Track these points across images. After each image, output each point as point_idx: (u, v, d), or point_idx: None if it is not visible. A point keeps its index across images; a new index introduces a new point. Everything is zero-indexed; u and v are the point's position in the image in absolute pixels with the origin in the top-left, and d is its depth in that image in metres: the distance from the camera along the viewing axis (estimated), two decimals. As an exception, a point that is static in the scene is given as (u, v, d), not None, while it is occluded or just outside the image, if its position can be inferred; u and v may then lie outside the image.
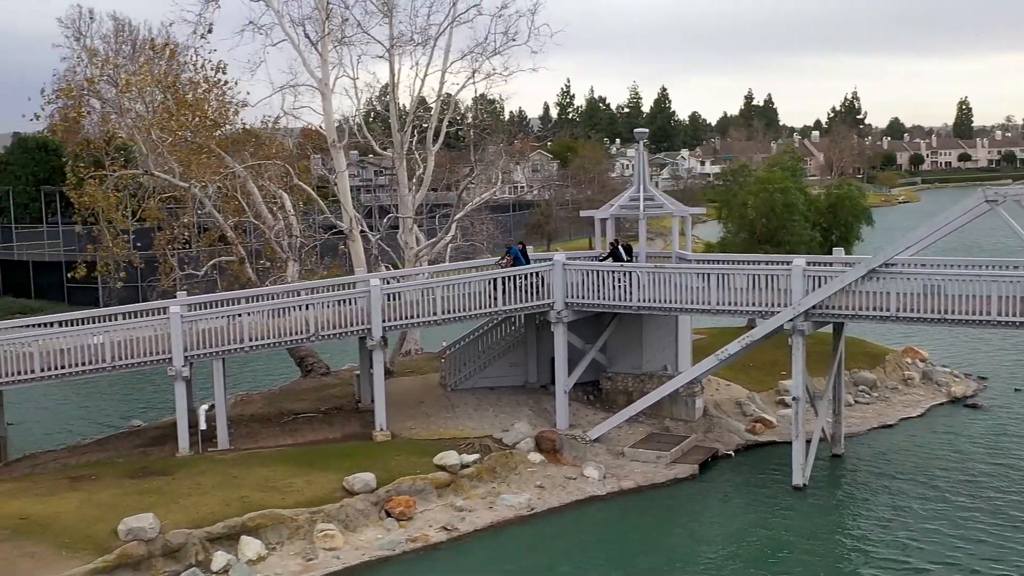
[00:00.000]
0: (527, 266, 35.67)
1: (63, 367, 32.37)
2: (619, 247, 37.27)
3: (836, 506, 30.75)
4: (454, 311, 34.91)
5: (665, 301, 34.03)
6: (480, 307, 35.06)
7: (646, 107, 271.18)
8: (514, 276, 35.30)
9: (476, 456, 32.14)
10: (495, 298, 34.98)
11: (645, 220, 38.38)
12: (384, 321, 34.10)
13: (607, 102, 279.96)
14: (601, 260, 37.16)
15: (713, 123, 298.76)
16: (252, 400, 40.80)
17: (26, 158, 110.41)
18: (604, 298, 34.82)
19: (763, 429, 37.31)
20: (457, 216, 43.17)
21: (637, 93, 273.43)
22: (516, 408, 37.08)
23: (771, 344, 35.44)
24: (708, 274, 33.24)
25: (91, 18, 46.19)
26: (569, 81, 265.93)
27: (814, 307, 31.31)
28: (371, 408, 35.45)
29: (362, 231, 44.62)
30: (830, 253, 39.30)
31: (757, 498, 31.43)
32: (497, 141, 50.50)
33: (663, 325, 37.92)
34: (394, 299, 34.78)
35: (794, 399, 32.33)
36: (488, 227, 48.72)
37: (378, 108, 62.81)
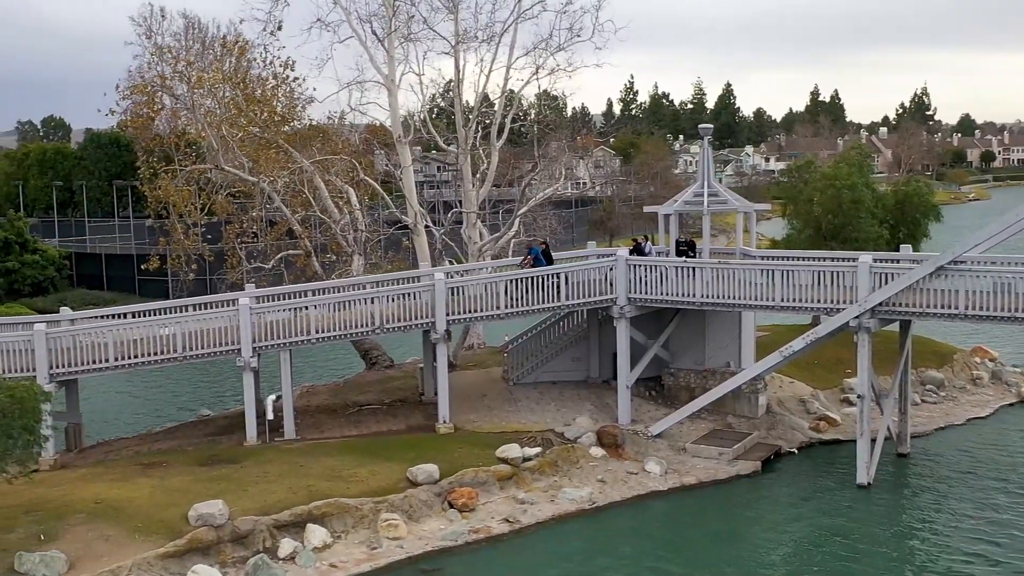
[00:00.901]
0: (550, 267, 35.80)
1: (136, 357, 33.17)
2: (643, 244, 37.42)
3: (902, 505, 30.45)
4: (517, 305, 35.11)
5: (729, 297, 33.94)
6: (543, 302, 35.23)
7: (710, 103, 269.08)
8: (577, 271, 35.46)
9: (538, 450, 32.32)
10: (558, 293, 35.13)
11: (709, 216, 38.24)
12: (448, 315, 34.43)
13: (670, 98, 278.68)
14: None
15: (778, 119, 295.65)
16: (318, 392, 41.41)
17: (99, 153, 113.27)
18: (668, 294, 34.81)
19: (827, 427, 37.02)
20: (520, 212, 43.38)
21: (702, 89, 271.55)
22: (578, 403, 37.22)
23: (836, 342, 35.16)
24: (772, 270, 33.08)
25: (162, 16, 47.18)
26: (633, 77, 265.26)
27: (880, 304, 31.03)
28: (434, 401, 35.84)
29: (426, 226, 45.03)
30: (897, 250, 38.85)
31: (821, 496, 31.22)
32: (560, 137, 50.58)
33: (726, 321, 37.78)
34: (458, 293, 35.06)
35: (859, 397, 32.06)
36: (551, 223, 48.84)
37: (443, 104, 63.33)
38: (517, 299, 34.98)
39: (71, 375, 33.29)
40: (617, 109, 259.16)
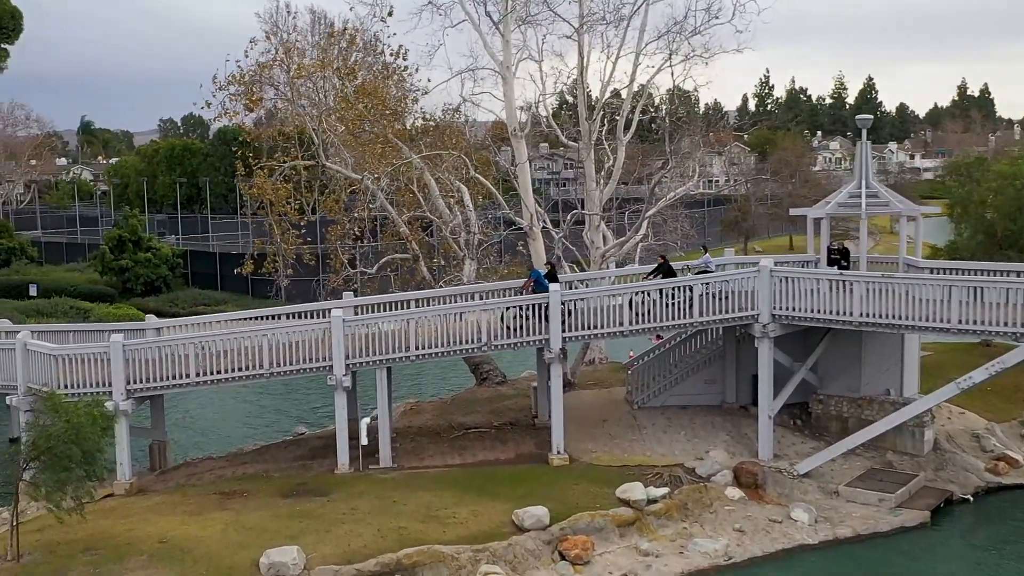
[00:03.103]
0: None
1: (218, 372, 30.05)
2: (669, 262, 33.27)
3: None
4: (643, 321, 30.79)
5: (892, 316, 28.93)
6: (673, 318, 30.83)
7: (850, 97, 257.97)
8: (712, 283, 30.99)
9: (665, 490, 27.99)
10: (690, 308, 30.69)
11: (867, 220, 33.23)
12: (564, 331, 30.36)
13: (808, 93, 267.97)
14: (650, 277, 32.84)
15: (921, 115, 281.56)
16: (422, 410, 37.84)
17: (225, 150, 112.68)
18: (818, 310, 29.98)
19: (1007, 469, 31.57)
20: (649, 213, 39.00)
21: (842, 83, 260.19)
22: (711, 432, 32.70)
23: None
24: (951, 286, 27.89)
25: (288, 12, 44.33)
26: (768, 71, 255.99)
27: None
28: (548, 425, 31.82)
29: (544, 228, 41.02)
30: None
31: (1005, 555, 26.14)
32: (693, 132, 45.82)
33: (886, 342, 32.65)
34: (575, 307, 30.92)
35: (1054, 439, 26.71)
36: (682, 225, 44.24)
37: (565, 95, 59.15)
38: (643, 314, 30.68)
39: (150, 392, 30.37)
40: (751, 105, 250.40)
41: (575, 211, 40.57)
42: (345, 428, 30.29)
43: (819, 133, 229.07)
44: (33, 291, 65.60)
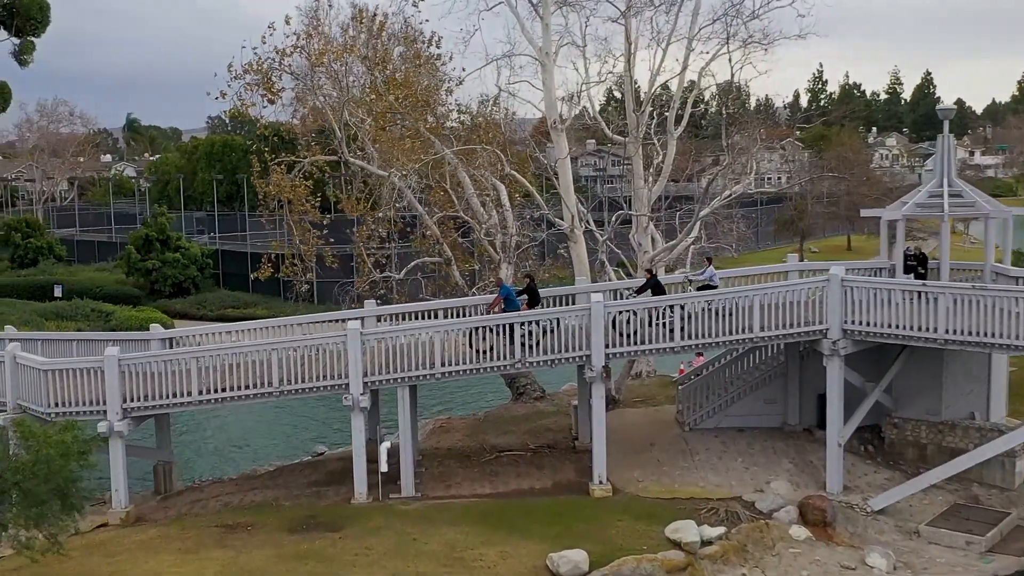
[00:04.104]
0: (536, 311, 28.05)
1: (223, 390, 27.09)
2: (657, 275, 29.69)
3: None
4: (695, 336, 27.42)
5: (983, 334, 25.32)
6: (729, 332, 27.42)
7: (907, 93, 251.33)
8: (774, 294, 27.56)
9: (721, 530, 24.65)
10: (749, 321, 27.27)
11: (949, 222, 29.58)
12: (607, 347, 27.07)
13: (862, 88, 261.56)
14: (637, 294, 29.27)
15: (979, 111, 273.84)
16: (452, 427, 34.74)
17: (262, 146, 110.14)
18: (895, 325, 26.41)
19: (1112, 506, 27.76)
20: (703, 213, 35.54)
21: (898, 78, 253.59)
22: (772, 459, 29.27)
23: None
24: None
25: (330, 5, 41.37)
26: (822, 66, 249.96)
27: None
28: (589, 448, 28.54)
29: (587, 230, 37.71)
30: None
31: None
32: (750, 126, 42.11)
33: (971, 360, 29.02)
34: (619, 320, 27.60)
35: None
36: (738, 226, 40.64)
37: (612, 90, 55.66)
38: (695, 329, 27.31)
39: (148, 411, 27.49)
40: (804, 101, 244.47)
41: (621, 211, 37.14)
42: (362, 453, 27.23)
43: (874, 129, 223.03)
44: (58, 292, 63.39)
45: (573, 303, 30.38)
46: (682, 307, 27.35)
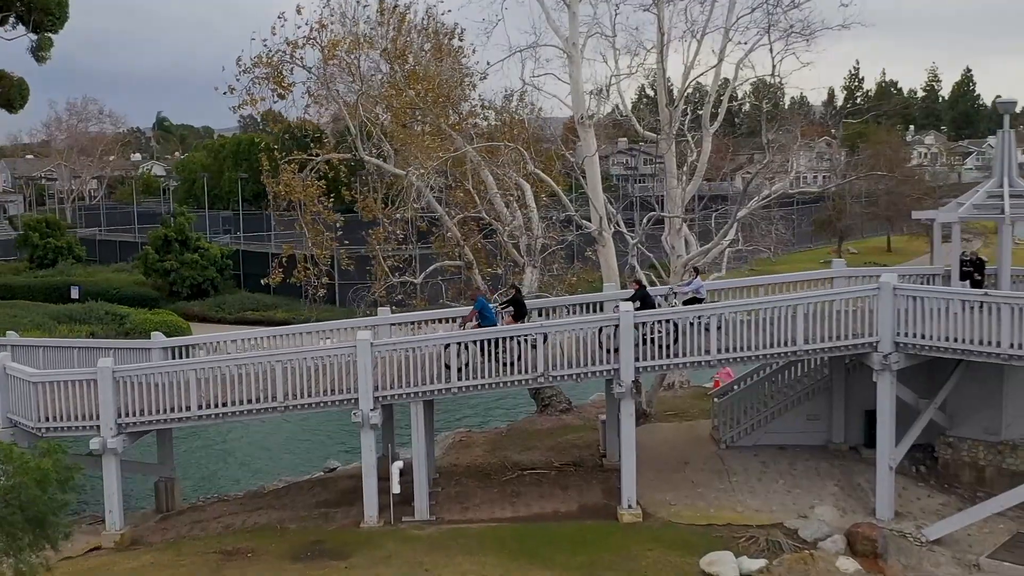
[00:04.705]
0: (516, 325, 25.97)
1: (223, 404, 25.22)
2: (647, 288, 27.34)
3: None
4: (732, 348, 25.28)
5: (1052, 348, 22.99)
6: (770, 344, 25.24)
7: (945, 90, 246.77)
8: (817, 303, 25.33)
9: (762, 562, 22.53)
10: (792, 332, 25.08)
11: (1011, 226, 27.26)
12: (636, 360, 24.97)
13: (898, 86, 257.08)
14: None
15: (1019, 109, 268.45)
16: (472, 441, 32.75)
17: (291, 144, 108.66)
18: (956, 339, 24.11)
19: None
20: (741, 214, 33.33)
21: (936, 75, 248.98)
22: (816, 481, 27.05)
23: None
24: None
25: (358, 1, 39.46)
26: (858, 63, 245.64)
27: None
28: (618, 467, 26.48)
29: (616, 230, 35.62)
30: None
31: None
32: (791, 122, 39.79)
33: (1034, 375, 26.64)
34: (649, 329, 25.48)
35: None
36: (777, 227, 38.40)
37: (644, 88, 53.41)
38: (733, 340, 25.17)
39: (145, 426, 25.67)
40: (839, 99, 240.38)
41: (653, 212, 34.97)
42: (373, 474, 25.28)
43: (911, 127, 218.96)
44: (75, 293, 61.94)
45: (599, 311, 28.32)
46: (718, 318, 25.22)
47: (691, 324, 25.36)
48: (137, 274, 65.83)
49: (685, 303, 27.34)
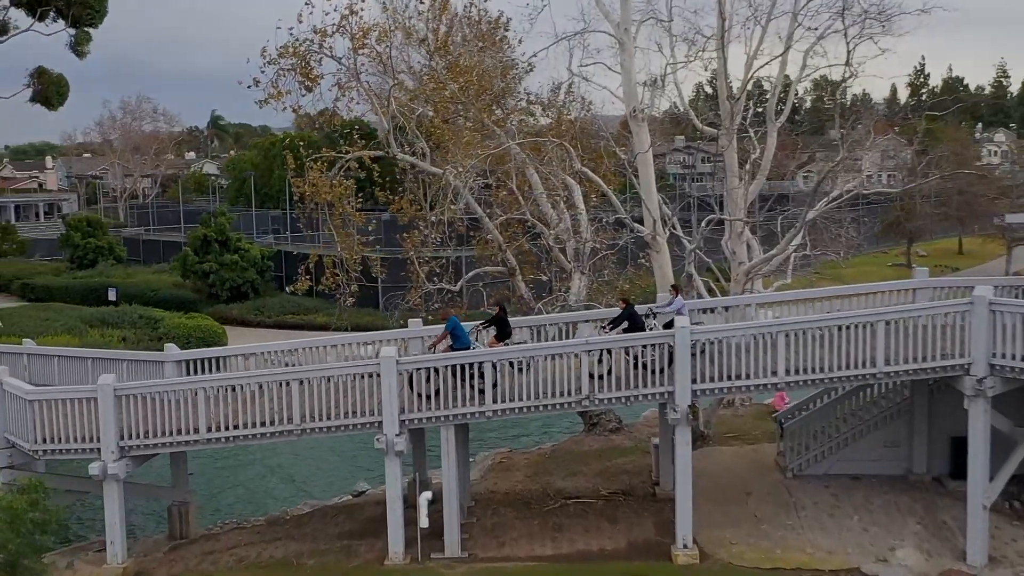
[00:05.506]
0: (495, 349, 23.37)
1: (234, 427, 22.85)
2: (634, 307, 24.19)
3: None
4: (802, 370, 22.40)
5: None
6: (846, 366, 22.33)
7: (1013, 87, 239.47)
8: (901, 318, 22.36)
9: (837, 617, 19.62)
10: (871, 353, 22.14)
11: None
12: (695, 382, 22.20)
13: (964, 82, 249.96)
14: (609, 328, 24.03)
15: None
16: (513, 464, 30.16)
17: (348, 143, 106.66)
18: (1061, 362, 21.03)
19: None
20: (810, 216, 30.37)
21: (1005, 71, 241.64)
22: (896, 518, 24.11)
23: None
24: None
25: None
26: (924, 59, 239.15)
27: None
28: (671, 496, 23.75)
29: (672, 233, 32.80)
30: None
31: None
32: (865, 117, 36.59)
33: None
34: (709, 348, 22.70)
35: None
36: (848, 231, 35.32)
37: (701, 80, 50.40)
38: (802, 361, 22.30)
39: (149, 450, 23.40)
40: (903, 95, 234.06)
41: (712, 216, 32.07)
42: (398, 507, 22.79)
43: (979, 124, 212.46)
44: (112, 296, 60.30)
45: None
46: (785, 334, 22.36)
47: (754, 341, 22.56)
48: (176, 276, 64.11)
49: (665, 326, 24.43)
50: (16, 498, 17.58)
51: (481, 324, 24.84)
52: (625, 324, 23.76)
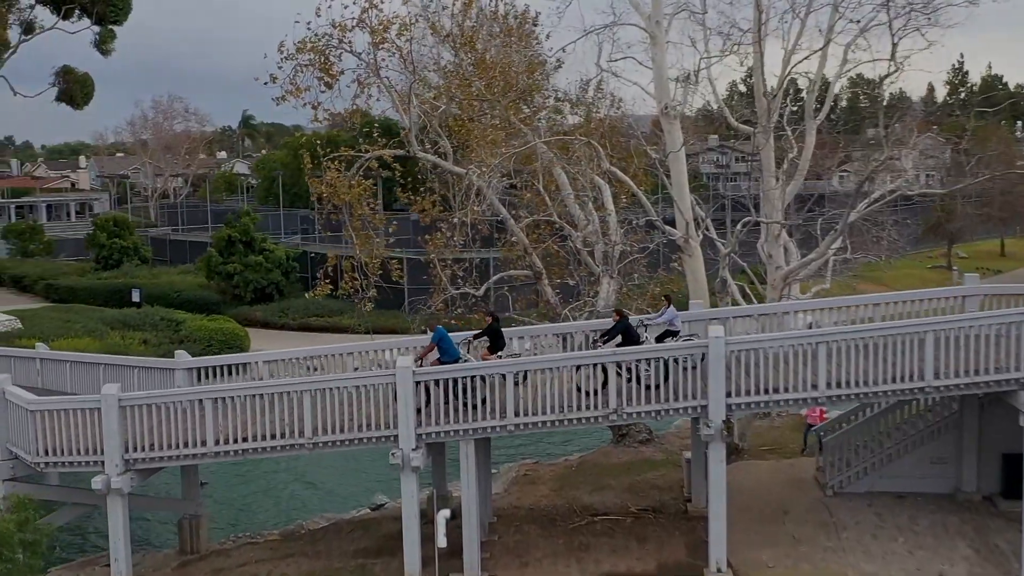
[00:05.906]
0: (486, 362, 22.10)
1: (243, 440, 21.75)
2: (627, 319, 22.67)
3: None
4: (845, 384, 21.01)
5: None
6: (892, 379, 20.91)
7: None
8: (951, 329, 20.92)
9: (883, 652, 18.21)
10: (920, 366, 20.71)
11: None
12: (730, 395, 20.86)
13: (1004, 81, 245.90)
14: (603, 342, 22.55)
15: None
16: (538, 477, 28.92)
17: (369, 141, 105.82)
18: None
19: None
20: (852, 218, 28.92)
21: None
22: (944, 540, 22.67)
23: None
24: None
25: None
26: (962, 56, 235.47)
27: None
28: (704, 514, 22.42)
29: (706, 235, 31.43)
30: None
31: None
32: (908, 115, 35.08)
33: None
34: (745, 359, 21.38)
35: None
36: (890, 233, 33.79)
37: (735, 79, 48.92)
38: (845, 374, 20.93)
39: (155, 464, 22.33)
40: (940, 94, 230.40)
41: (747, 217, 30.66)
42: (415, 524, 21.60)
43: (1019, 123, 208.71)
44: (136, 297, 59.54)
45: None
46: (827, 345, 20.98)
47: (792, 352, 21.20)
48: (201, 277, 63.29)
49: (658, 339, 23.07)
50: (6, 518, 16.55)
51: (473, 336, 23.65)
52: (619, 339, 22.44)
